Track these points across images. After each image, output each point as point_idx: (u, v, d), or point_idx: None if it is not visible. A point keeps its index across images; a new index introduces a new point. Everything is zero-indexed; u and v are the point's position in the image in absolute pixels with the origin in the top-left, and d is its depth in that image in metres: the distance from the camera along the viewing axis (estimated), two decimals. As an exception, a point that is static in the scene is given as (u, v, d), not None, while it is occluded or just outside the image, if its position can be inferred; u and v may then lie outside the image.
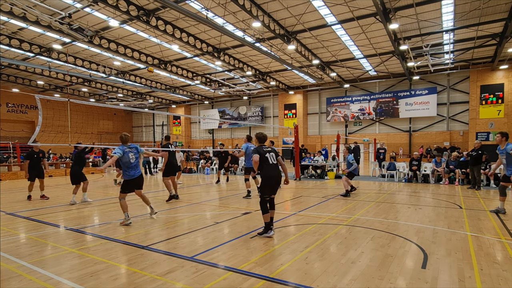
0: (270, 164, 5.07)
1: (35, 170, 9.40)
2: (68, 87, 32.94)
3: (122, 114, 46.86)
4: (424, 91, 27.39)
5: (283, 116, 34.31)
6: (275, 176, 5.10)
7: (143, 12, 15.74)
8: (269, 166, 5.05)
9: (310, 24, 17.85)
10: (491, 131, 24.57)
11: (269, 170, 5.04)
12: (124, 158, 6.08)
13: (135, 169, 6.23)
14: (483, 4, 15.18)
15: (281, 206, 8.02)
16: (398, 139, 29.22)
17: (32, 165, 9.38)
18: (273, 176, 5.08)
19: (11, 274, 3.77)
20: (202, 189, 11.69)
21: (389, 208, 7.62)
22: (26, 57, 23.13)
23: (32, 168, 9.37)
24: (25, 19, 15.51)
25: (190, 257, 4.24)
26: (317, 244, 4.78)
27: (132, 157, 6.15)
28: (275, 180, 5.11)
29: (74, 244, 4.96)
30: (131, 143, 6.43)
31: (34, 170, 9.39)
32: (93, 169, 20.61)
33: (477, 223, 6.01)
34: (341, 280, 3.50)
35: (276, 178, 5.11)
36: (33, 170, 9.36)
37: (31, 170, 9.37)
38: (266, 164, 5.05)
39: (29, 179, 9.42)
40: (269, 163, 5.08)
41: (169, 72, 25.91)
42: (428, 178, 12.86)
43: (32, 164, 9.37)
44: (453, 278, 3.54)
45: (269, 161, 5.08)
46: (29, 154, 9.49)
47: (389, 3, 14.85)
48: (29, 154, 9.47)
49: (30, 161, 9.38)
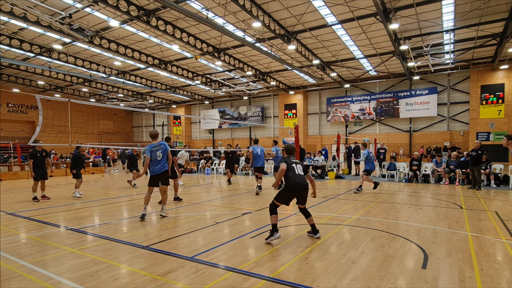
0: (296, 174, 5.01)
1: (40, 169, 9.21)
2: (68, 87, 32.98)
3: (123, 114, 46.88)
4: (424, 91, 27.39)
5: (283, 116, 34.32)
6: (299, 185, 4.94)
7: (143, 12, 15.75)
8: (295, 176, 4.99)
9: (310, 24, 17.85)
10: (492, 131, 24.57)
11: (294, 178, 4.96)
12: (152, 156, 6.51)
13: (159, 164, 6.54)
14: (484, 4, 15.18)
15: (281, 206, 7.98)
16: (398, 139, 29.21)
17: (37, 164, 9.16)
18: (297, 185, 4.93)
19: (12, 274, 3.78)
20: (203, 189, 11.70)
21: (389, 208, 7.61)
22: (27, 57, 23.16)
23: (38, 167, 9.16)
24: (25, 19, 15.52)
25: (190, 257, 4.24)
26: (317, 244, 4.78)
27: (159, 155, 6.52)
28: (297, 190, 4.96)
29: (75, 244, 4.96)
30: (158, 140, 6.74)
31: (39, 169, 9.20)
32: (94, 169, 20.61)
33: (477, 223, 6.01)
34: (341, 280, 3.50)
35: (300, 187, 4.96)
36: (38, 169, 9.16)
37: (37, 170, 9.16)
38: (291, 173, 5.01)
39: (35, 179, 9.20)
40: (295, 173, 5.02)
41: (169, 72, 25.93)
42: (428, 178, 12.85)
43: (36, 163, 9.16)
44: (454, 278, 3.54)
45: (295, 171, 5.03)
46: (32, 153, 9.26)
47: (390, 3, 14.85)
48: (33, 154, 9.25)
49: (35, 160, 9.16)
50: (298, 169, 5.09)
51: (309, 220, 5.15)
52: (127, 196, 10.14)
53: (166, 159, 6.64)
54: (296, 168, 5.08)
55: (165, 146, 6.62)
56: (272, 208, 5.03)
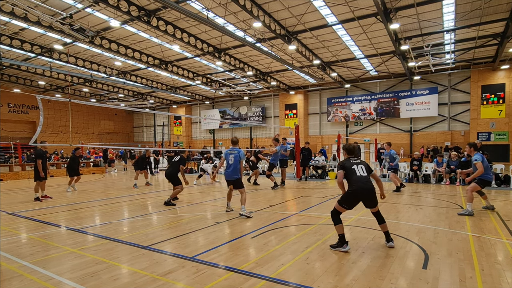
0: (358, 175, 4.54)
1: (44, 169, 9.25)
2: (69, 88, 33.01)
3: (123, 114, 46.91)
4: (425, 91, 27.36)
5: (284, 116, 34.31)
6: (363, 190, 4.46)
7: (144, 12, 15.76)
8: (358, 178, 4.52)
9: (311, 24, 17.84)
10: (492, 131, 24.53)
11: (357, 182, 4.49)
12: (226, 158, 7.11)
13: (230, 167, 7.00)
14: (484, 4, 15.15)
15: (281, 206, 8.01)
16: (399, 139, 29.19)
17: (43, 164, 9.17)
18: (361, 190, 4.46)
19: (13, 274, 3.78)
20: (203, 189, 11.70)
21: (390, 208, 7.61)
22: (28, 58, 23.19)
23: (43, 168, 9.18)
24: (26, 20, 15.53)
25: (191, 257, 4.24)
26: (318, 244, 4.78)
27: (231, 159, 7.00)
28: (362, 194, 4.49)
29: (75, 244, 4.97)
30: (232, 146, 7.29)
31: (44, 169, 9.24)
32: (94, 169, 20.62)
33: (478, 224, 6.00)
34: (342, 280, 3.50)
35: (364, 192, 4.47)
36: (43, 170, 9.18)
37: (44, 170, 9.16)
38: (354, 176, 4.54)
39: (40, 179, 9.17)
40: (357, 175, 4.54)
41: (170, 73, 25.94)
42: (429, 178, 12.84)
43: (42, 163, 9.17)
44: (454, 279, 3.54)
45: (356, 172, 4.56)
46: (39, 153, 9.18)
47: (390, 3, 14.84)
48: (40, 153, 9.17)
49: (42, 160, 9.16)
50: (360, 170, 4.59)
51: (382, 227, 4.66)
52: (127, 196, 10.15)
53: (239, 167, 6.97)
54: (358, 170, 4.58)
55: (238, 153, 7.01)
56: (335, 216, 4.57)
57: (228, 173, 6.98)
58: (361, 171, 4.59)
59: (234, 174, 6.94)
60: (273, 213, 7.13)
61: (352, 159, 4.74)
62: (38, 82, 30.51)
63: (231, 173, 6.95)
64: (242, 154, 7.06)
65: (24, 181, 15.88)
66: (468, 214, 6.67)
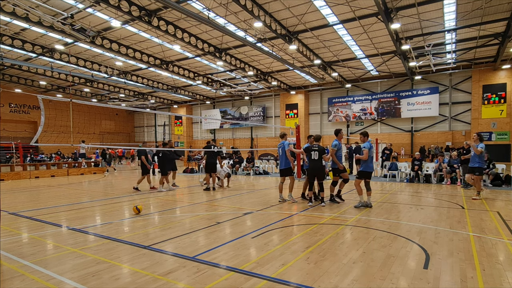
0: (312, 159, 7.86)
1: (148, 164, 11.21)
2: (70, 88, 33.05)
3: (124, 114, 46.97)
4: (426, 91, 27.31)
5: (284, 116, 34.29)
6: (314, 168, 8.05)
7: (145, 12, 15.77)
8: (312, 160, 7.83)
9: (311, 24, 17.83)
10: (494, 131, 24.48)
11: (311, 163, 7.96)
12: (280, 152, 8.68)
13: (281, 159, 8.56)
14: (485, 3, 15.12)
15: (282, 206, 8.01)
16: (400, 139, 29.15)
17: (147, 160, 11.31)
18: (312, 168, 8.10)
19: (14, 274, 3.79)
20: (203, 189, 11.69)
21: (391, 208, 7.60)
22: (29, 58, 23.23)
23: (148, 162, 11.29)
24: (27, 20, 15.55)
25: (191, 257, 4.25)
26: (318, 244, 4.78)
27: (280, 152, 8.57)
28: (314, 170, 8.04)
29: (76, 244, 4.98)
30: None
31: (148, 164, 11.21)
32: (95, 169, 20.65)
33: (479, 224, 5.99)
34: (342, 280, 3.50)
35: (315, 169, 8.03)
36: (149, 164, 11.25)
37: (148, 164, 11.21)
38: (310, 158, 7.99)
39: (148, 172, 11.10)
40: (311, 158, 7.91)
41: (170, 73, 25.95)
42: (430, 178, 12.82)
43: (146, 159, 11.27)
44: (455, 279, 3.53)
45: (311, 156, 7.96)
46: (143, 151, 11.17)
47: (391, 2, 14.82)
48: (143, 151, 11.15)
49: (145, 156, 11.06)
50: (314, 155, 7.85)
51: (321, 194, 8.08)
52: (128, 196, 10.15)
53: (286, 157, 8.35)
54: (313, 154, 7.85)
55: (283, 145, 8.41)
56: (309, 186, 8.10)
57: (281, 164, 8.51)
58: (315, 156, 7.55)
59: (285, 165, 8.41)
60: (273, 213, 7.13)
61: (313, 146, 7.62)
62: (39, 82, 30.56)
63: (283, 164, 8.42)
64: (286, 146, 8.36)
65: (25, 181, 15.91)
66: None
